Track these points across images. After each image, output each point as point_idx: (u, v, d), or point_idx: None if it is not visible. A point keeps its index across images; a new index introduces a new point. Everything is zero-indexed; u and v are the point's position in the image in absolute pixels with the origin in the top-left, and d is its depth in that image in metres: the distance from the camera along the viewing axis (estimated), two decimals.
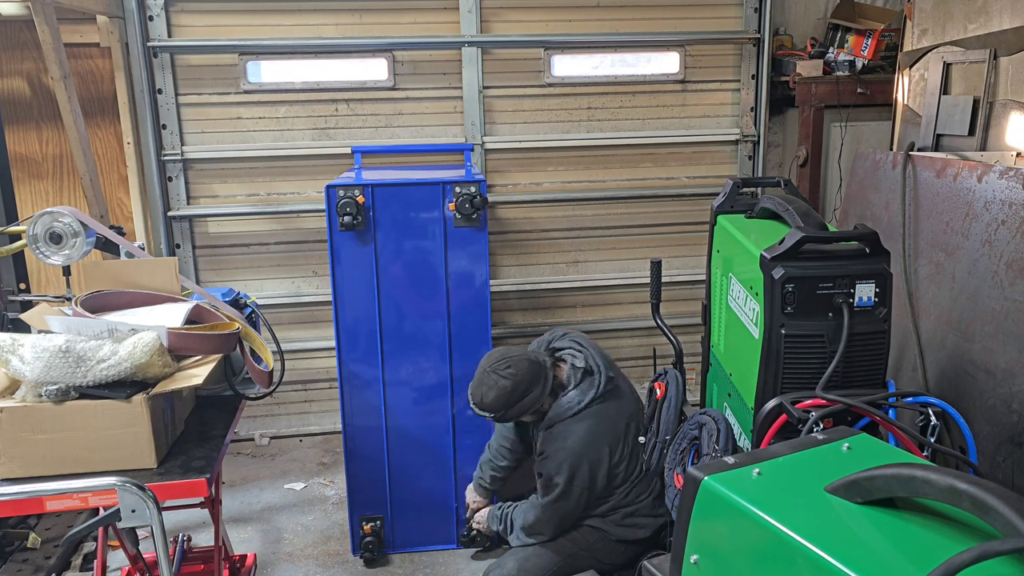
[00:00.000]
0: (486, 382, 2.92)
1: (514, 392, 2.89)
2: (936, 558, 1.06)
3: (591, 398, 2.95)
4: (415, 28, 4.38)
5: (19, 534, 3.22)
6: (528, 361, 2.94)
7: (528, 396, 2.92)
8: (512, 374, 2.90)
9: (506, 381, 2.89)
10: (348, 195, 3.20)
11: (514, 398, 2.90)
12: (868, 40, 4.52)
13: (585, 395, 2.95)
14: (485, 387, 2.92)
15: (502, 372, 2.90)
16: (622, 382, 3.14)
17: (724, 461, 1.45)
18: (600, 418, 2.96)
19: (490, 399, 2.91)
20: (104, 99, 4.68)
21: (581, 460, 2.92)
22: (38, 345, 2.11)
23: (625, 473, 3.03)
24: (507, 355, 2.96)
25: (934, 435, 2.17)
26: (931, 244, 3.11)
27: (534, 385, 2.92)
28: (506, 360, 2.93)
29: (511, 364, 2.91)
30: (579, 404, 2.94)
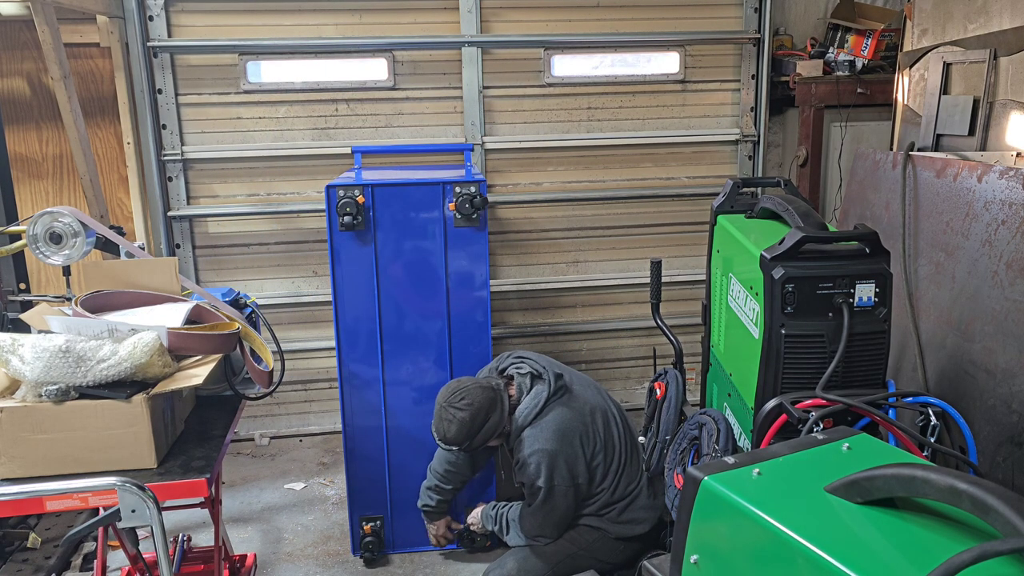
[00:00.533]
0: (445, 417, 2.98)
1: (474, 422, 2.95)
2: (936, 558, 1.06)
3: (545, 398, 3.01)
4: (415, 28, 4.38)
5: (19, 534, 3.22)
6: (481, 388, 2.99)
7: (488, 422, 2.98)
8: (468, 404, 2.95)
9: (463, 413, 2.94)
10: (348, 195, 3.20)
11: (475, 428, 2.96)
12: (868, 40, 4.52)
13: (539, 397, 3.01)
14: (445, 422, 2.98)
15: (458, 405, 2.96)
16: (576, 380, 3.21)
17: (724, 461, 1.45)
18: (562, 414, 3.01)
19: (452, 433, 2.96)
20: (104, 99, 4.68)
21: (556, 457, 2.95)
22: (38, 345, 2.11)
23: (604, 465, 3.06)
24: (460, 387, 3.01)
25: (934, 435, 2.17)
26: (931, 244, 3.11)
27: (492, 411, 2.98)
28: (460, 392, 2.98)
29: (465, 395, 2.97)
30: (536, 407, 3.00)
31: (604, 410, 3.17)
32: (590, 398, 3.15)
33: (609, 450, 3.09)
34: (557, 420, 2.99)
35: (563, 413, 3.01)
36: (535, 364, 3.12)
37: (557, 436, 2.96)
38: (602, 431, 3.09)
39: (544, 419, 2.99)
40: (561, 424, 2.99)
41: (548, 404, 3.02)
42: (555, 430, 2.97)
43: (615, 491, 3.08)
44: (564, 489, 2.97)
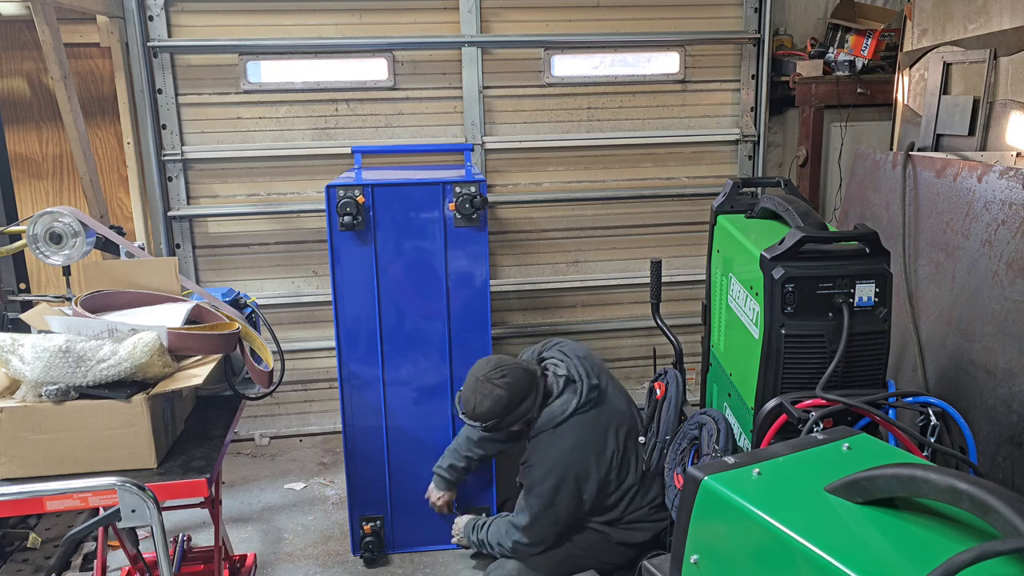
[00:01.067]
0: (480, 390, 2.87)
1: (510, 402, 2.86)
2: (936, 558, 1.06)
3: (574, 407, 2.92)
4: (415, 28, 4.38)
5: (19, 534, 3.22)
6: (523, 369, 2.91)
7: (522, 405, 2.90)
8: (508, 383, 2.86)
9: (501, 390, 2.85)
10: (348, 195, 3.20)
11: (510, 407, 2.88)
12: (868, 40, 4.52)
13: (568, 404, 2.92)
14: (480, 395, 2.87)
15: (497, 381, 2.86)
16: (612, 388, 3.11)
17: (724, 461, 1.45)
18: (584, 428, 2.93)
19: (484, 408, 2.87)
20: (104, 99, 4.68)
21: (567, 472, 2.89)
22: (38, 345, 2.11)
23: (617, 480, 3.00)
24: (503, 363, 2.91)
25: (934, 435, 2.17)
26: (931, 244, 3.11)
27: (528, 394, 2.90)
28: (501, 368, 2.88)
29: (506, 372, 2.87)
30: (562, 414, 2.91)
31: (630, 426, 3.06)
32: (617, 414, 3.04)
33: (625, 467, 3.01)
34: (578, 434, 2.90)
35: (585, 428, 2.92)
36: (574, 368, 2.98)
37: (573, 450, 2.89)
38: (622, 448, 2.99)
39: (565, 428, 2.90)
40: (580, 438, 2.90)
41: (574, 414, 2.91)
42: (573, 442, 2.89)
43: (626, 506, 3.04)
44: (567, 502, 2.92)
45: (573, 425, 2.92)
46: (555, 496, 2.91)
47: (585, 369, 3.00)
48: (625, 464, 3.02)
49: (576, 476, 2.91)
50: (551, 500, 2.92)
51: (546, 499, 2.92)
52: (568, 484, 2.91)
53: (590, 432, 2.95)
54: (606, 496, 3.01)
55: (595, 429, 2.96)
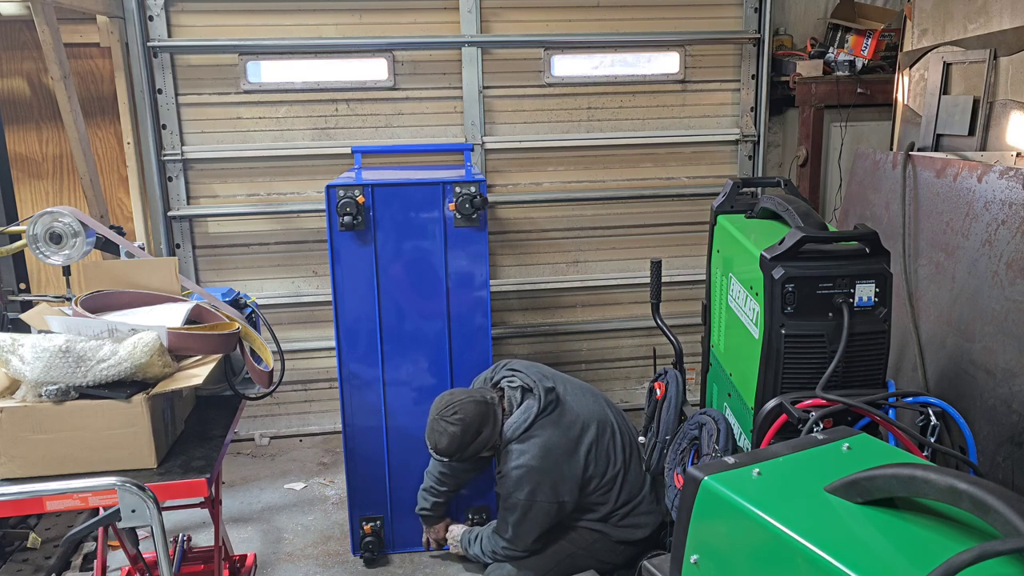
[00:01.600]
0: (436, 429, 2.98)
1: (464, 435, 2.95)
2: (936, 558, 1.06)
3: (535, 413, 2.98)
4: (415, 28, 4.38)
5: (19, 534, 3.22)
6: (474, 403, 2.98)
7: (480, 436, 2.98)
8: (460, 419, 2.95)
9: (455, 427, 2.94)
10: (348, 195, 3.20)
11: (466, 441, 2.96)
12: (868, 40, 4.52)
13: (528, 412, 2.99)
14: (437, 434, 2.98)
15: (449, 419, 2.96)
16: (571, 389, 3.15)
17: (724, 461, 1.45)
18: (549, 430, 2.98)
19: (443, 445, 2.97)
20: (104, 99, 4.68)
21: (541, 477, 2.93)
22: (38, 345, 2.11)
23: (600, 475, 3.02)
24: (453, 400, 3.00)
25: (934, 435, 2.17)
26: (931, 244, 3.11)
27: (484, 425, 2.97)
28: (452, 406, 2.98)
29: (457, 409, 2.96)
30: (525, 422, 2.98)
31: (601, 420, 3.11)
32: (583, 411, 3.09)
33: (602, 463, 3.05)
34: (544, 438, 2.96)
35: (551, 431, 2.98)
36: (526, 377, 3.08)
37: (543, 454, 2.94)
38: (594, 445, 3.04)
39: (532, 435, 2.97)
40: (548, 442, 2.96)
41: (537, 419, 2.98)
42: (542, 447, 2.94)
43: (617, 499, 3.06)
44: (546, 507, 2.95)
45: (539, 431, 2.98)
46: (531, 503, 2.94)
47: (537, 376, 3.08)
48: (602, 456, 3.05)
49: (551, 480, 2.94)
50: (528, 507, 2.95)
51: (523, 508, 2.95)
52: (543, 489, 2.93)
53: (557, 434, 2.99)
54: (591, 491, 3.03)
55: (561, 430, 3.00)
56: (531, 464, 2.92)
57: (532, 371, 3.13)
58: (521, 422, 2.98)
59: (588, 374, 4.94)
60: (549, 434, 2.97)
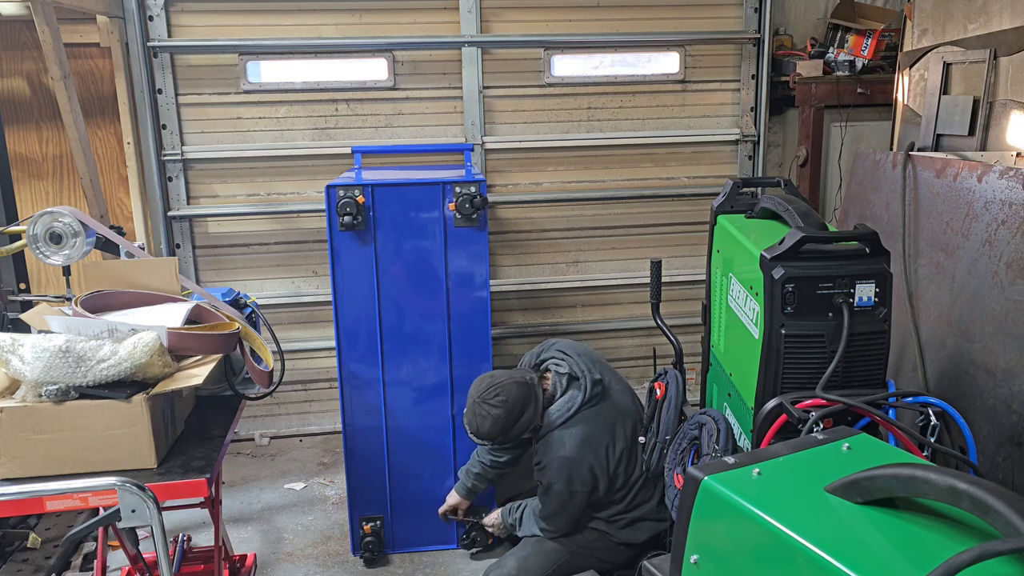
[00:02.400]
0: (479, 413, 2.96)
1: (508, 418, 2.94)
2: (936, 558, 1.06)
3: (579, 403, 2.98)
4: (415, 28, 4.38)
5: (19, 534, 3.22)
6: (516, 384, 2.97)
7: (522, 419, 2.97)
8: (503, 401, 2.93)
9: (498, 410, 2.93)
10: (348, 195, 3.20)
11: (509, 424, 2.95)
12: (868, 40, 4.52)
13: (573, 401, 2.99)
14: (479, 418, 2.96)
15: (492, 402, 2.94)
16: (615, 383, 3.16)
17: (724, 461, 1.45)
18: (591, 422, 2.99)
19: (486, 429, 2.96)
20: (104, 99, 4.68)
21: (579, 465, 2.95)
22: (38, 345, 2.11)
23: (625, 475, 3.04)
24: (495, 382, 2.98)
25: (934, 435, 2.17)
26: (931, 244, 3.11)
27: (526, 407, 2.96)
28: (495, 388, 2.96)
29: (500, 391, 2.95)
30: (568, 412, 2.98)
31: (636, 419, 3.12)
32: (624, 405, 3.11)
33: (632, 461, 3.06)
34: (585, 429, 2.97)
35: (593, 422, 2.99)
36: (575, 365, 3.04)
37: (582, 445, 2.95)
38: (630, 440, 3.05)
39: (574, 425, 2.97)
40: (588, 433, 2.97)
41: (580, 410, 2.99)
42: (581, 438, 2.95)
43: (631, 502, 3.07)
44: (583, 494, 2.98)
45: (578, 421, 2.98)
46: (571, 493, 2.97)
47: (587, 365, 3.07)
48: (632, 458, 3.07)
49: (591, 468, 2.96)
50: (568, 497, 2.97)
51: (563, 496, 2.97)
52: (583, 478, 2.95)
53: (598, 426, 3.00)
54: (614, 490, 3.04)
55: (602, 423, 3.01)
56: (571, 456, 2.94)
57: (583, 358, 3.09)
58: (565, 411, 2.98)
59: None
60: (589, 427, 2.98)
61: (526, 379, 3.01)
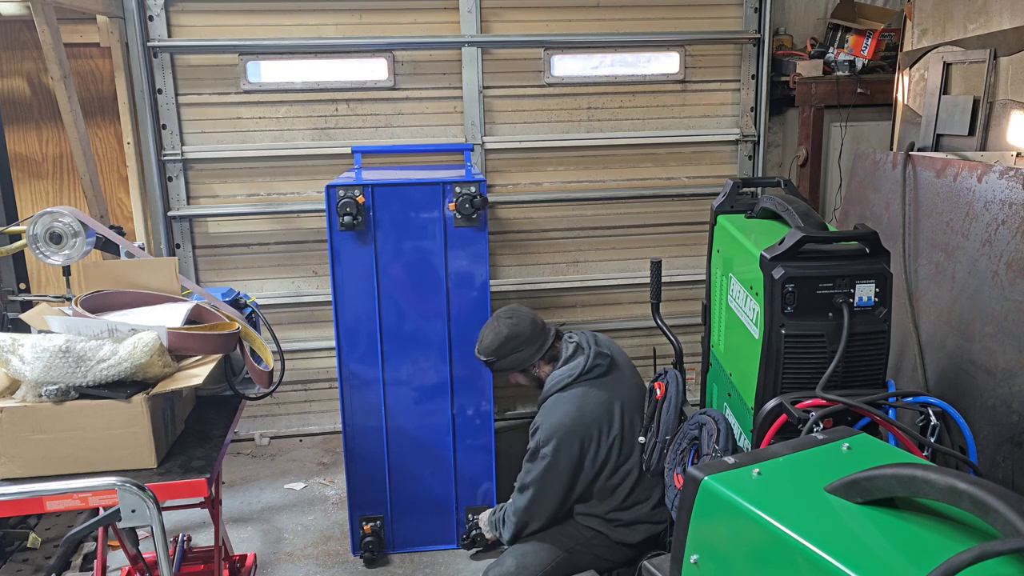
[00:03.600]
0: (490, 325, 3.12)
1: (508, 341, 3.05)
2: (936, 558, 1.06)
3: (579, 372, 3.02)
4: (415, 28, 4.38)
5: (19, 534, 3.22)
6: (531, 319, 3.10)
7: (520, 351, 3.06)
8: (512, 324, 3.06)
9: (503, 329, 3.06)
10: (348, 195, 3.20)
11: (507, 348, 3.05)
12: (868, 40, 4.52)
13: (575, 369, 3.04)
14: (488, 329, 3.11)
15: (503, 319, 3.09)
16: (626, 369, 3.19)
17: (724, 461, 1.45)
18: (589, 395, 3.01)
19: (487, 342, 3.09)
20: (104, 99, 4.68)
21: (570, 435, 2.95)
22: (38, 345, 2.11)
23: (615, 464, 3.02)
24: (517, 309, 3.15)
25: (934, 435, 2.17)
26: (931, 244, 3.11)
27: (529, 342, 3.06)
28: (513, 311, 3.13)
29: (514, 316, 3.09)
30: (569, 377, 3.02)
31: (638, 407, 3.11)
32: (628, 389, 3.11)
33: (627, 450, 3.04)
34: (582, 397, 2.99)
35: (591, 393, 3.00)
36: (585, 339, 3.13)
37: (577, 414, 2.96)
38: (626, 430, 3.04)
39: (570, 392, 3.00)
40: (584, 403, 2.98)
41: (580, 378, 3.02)
42: (578, 406, 2.97)
43: (626, 498, 3.05)
44: (566, 466, 2.95)
45: (576, 390, 3.01)
46: (555, 461, 2.95)
47: (596, 340, 3.13)
48: (627, 447, 3.05)
49: (580, 440, 2.96)
50: (551, 464, 2.95)
51: (548, 463, 2.95)
52: (571, 449, 2.95)
53: (595, 400, 3.01)
54: (604, 476, 3.02)
55: (600, 398, 3.02)
56: (563, 421, 2.95)
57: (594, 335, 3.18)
58: (565, 376, 3.02)
59: None
60: (586, 398, 2.99)
61: (543, 323, 3.14)
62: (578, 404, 2.98)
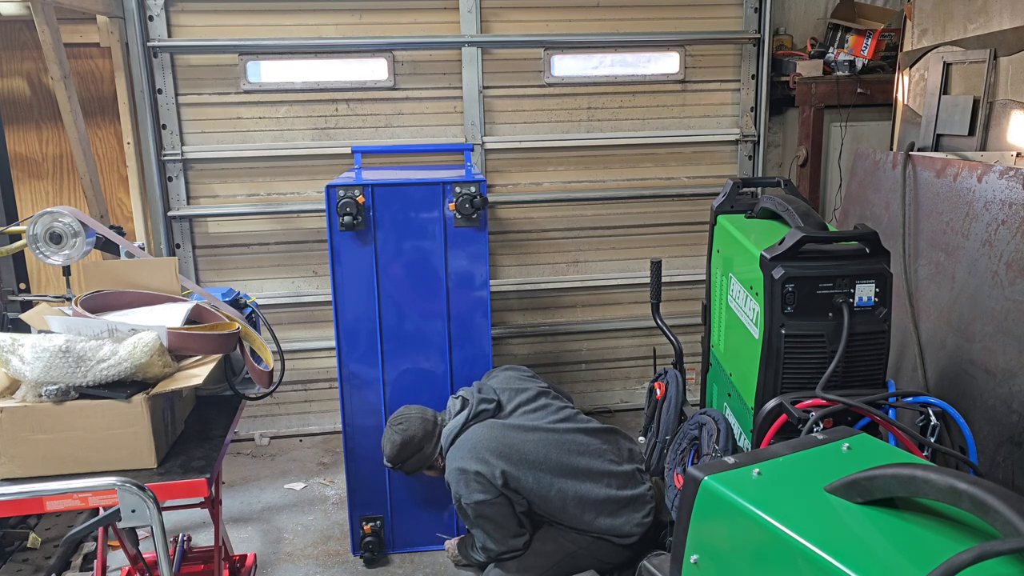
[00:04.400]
0: (385, 437, 3.18)
1: (404, 448, 3.11)
2: (936, 558, 1.06)
3: (463, 421, 3.06)
4: (415, 28, 4.38)
5: (19, 534, 3.22)
6: (421, 419, 3.15)
7: (420, 452, 3.12)
8: (403, 430, 3.11)
9: (396, 436, 3.11)
10: (348, 195, 3.20)
11: (405, 453, 3.11)
12: (868, 40, 4.52)
13: (458, 420, 3.08)
14: (385, 439, 3.17)
15: (395, 428, 3.14)
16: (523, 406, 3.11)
17: (724, 461, 1.45)
18: (479, 431, 3.00)
19: (387, 451, 3.15)
20: (104, 99, 4.68)
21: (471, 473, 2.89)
22: (38, 345, 2.11)
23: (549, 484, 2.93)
24: (405, 412, 3.19)
25: (934, 435, 2.17)
26: (931, 244, 3.11)
27: (424, 442, 3.12)
28: (400, 416, 3.18)
29: (404, 421, 3.15)
30: (454, 430, 3.07)
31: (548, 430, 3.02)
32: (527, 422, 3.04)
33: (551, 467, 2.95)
34: (473, 437, 2.99)
35: (480, 430, 3.00)
36: (469, 392, 3.16)
37: (472, 452, 2.93)
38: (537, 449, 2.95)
39: (460, 439, 3.02)
40: (477, 440, 2.96)
41: (467, 425, 3.05)
42: (471, 447, 2.95)
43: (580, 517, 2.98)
44: (492, 501, 2.90)
45: (466, 434, 3.03)
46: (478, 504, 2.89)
47: (480, 389, 3.16)
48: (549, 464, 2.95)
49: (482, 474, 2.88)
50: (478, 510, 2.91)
51: (473, 511, 2.92)
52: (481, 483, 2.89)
53: (486, 434, 2.98)
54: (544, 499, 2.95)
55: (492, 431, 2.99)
56: (461, 466, 2.92)
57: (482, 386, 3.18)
58: (452, 428, 3.08)
59: (588, 374, 4.95)
60: (478, 433, 3.00)
61: (434, 418, 3.18)
62: (471, 445, 2.97)
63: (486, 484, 2.91)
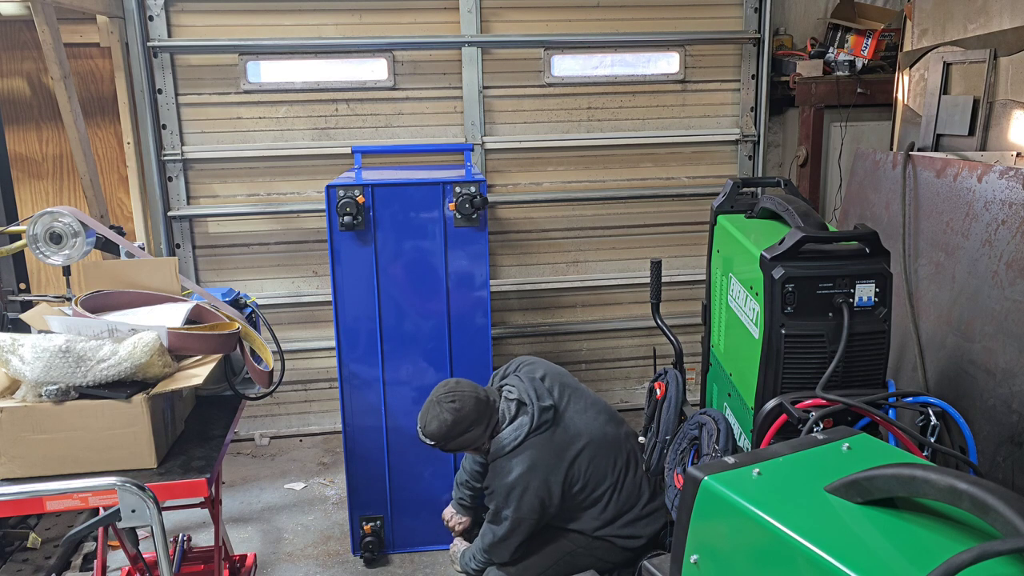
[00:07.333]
0: (431, 411, 2.93)
1: (454, 427, 2.88)
2: (936, 558, 1.06)
3: (526, 432, 2.92)
4: (415, 28, 4.38)
5: (19, 534, 3.22)
6: (475, 399, 2.92)
7: (468, 433, 2.91)
8: (455, 409, 2.88)
9: (447, 415, 2.88)
10: (348, 195, 3.20)
11: (454, 432, 2.90)
12: (868, 40, 4.52)
13: (520, 430, 2.93)
14: (429, 416, 2.92)
15: (446, 405, 2.90)
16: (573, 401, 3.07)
17: (724, 461, 1.45)
18: (539, 449, 2.91)
19: (431, 429, 2.91)
20: (104, 99, 4.68)
21: (528, 494, 2.88)
22: (38, 345, 2.11)
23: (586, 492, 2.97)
24: (457, 389, 2.95)
25: (934, 435, 2.17)
26: (931, 244, 3.11)
27: (476, 424, 2.91)
28: (453, 394, 2.92)
29: (456, 399, 2.91)
30: (515, 440, 2.92)
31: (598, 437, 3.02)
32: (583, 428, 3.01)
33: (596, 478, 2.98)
34: (534, 457, 2.90)
35: (542, 449, 2.92)
36: (525, 391, 3.00)
37: (531, 473, 2.89)
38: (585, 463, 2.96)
39: (522, 452, 2.91)
40: (537, 461, 2.90)
41: (528, 438, 2.92)
42: (531, 467, 2.89)
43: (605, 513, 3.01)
44: (532, 521, 2.92)
45: (526, 449, 2.92)
46: (519, 520, 2.91)
47: (537, 392, 2.99)
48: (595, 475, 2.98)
49: (539, 498, 2.90)
50: (515, 525, 2.91)
51: (511, 525, 2.91)
52: (531, 506, 2.89)
53: (547, 453, 2.93)
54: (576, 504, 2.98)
55: (553, 448, 2.95)
56: (518, 484, 2.89)
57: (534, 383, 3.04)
58: (512, 439, 2.93)
59: (588, 374, 4.95)
60: (539, 453, 2.91)
61: (487, 397, 2.97)
62: (530, 465, 2.89)
63: (540, 511, 2.91)
